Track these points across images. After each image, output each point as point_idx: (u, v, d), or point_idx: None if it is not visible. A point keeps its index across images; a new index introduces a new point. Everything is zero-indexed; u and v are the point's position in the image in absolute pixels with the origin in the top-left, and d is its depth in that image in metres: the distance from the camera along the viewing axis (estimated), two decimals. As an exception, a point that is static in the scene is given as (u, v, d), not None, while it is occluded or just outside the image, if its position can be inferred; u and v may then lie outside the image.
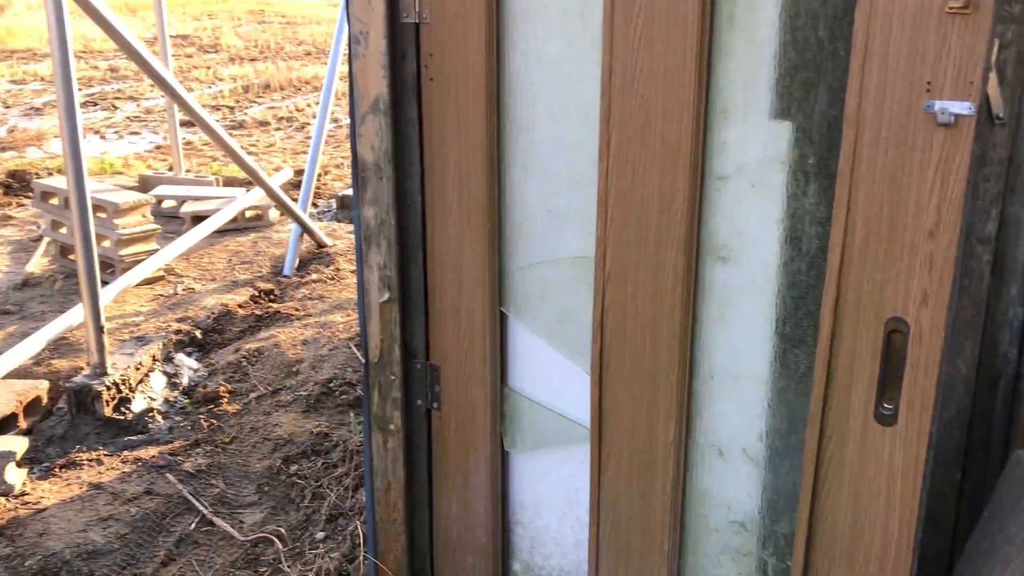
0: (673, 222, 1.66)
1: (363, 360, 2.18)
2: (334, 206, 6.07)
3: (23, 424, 3.13)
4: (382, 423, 2.16)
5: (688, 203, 1.63)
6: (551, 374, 1.97)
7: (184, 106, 3.84)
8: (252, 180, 4.53)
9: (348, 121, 6.97)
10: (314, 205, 5.98)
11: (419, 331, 2.11)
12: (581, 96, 1.75)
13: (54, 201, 4.44)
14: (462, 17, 1.85)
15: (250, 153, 8.29)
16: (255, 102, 11.41)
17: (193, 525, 2.55)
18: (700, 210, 1.65)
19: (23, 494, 2.65)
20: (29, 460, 2.89)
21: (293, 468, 2.81)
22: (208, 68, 13.95)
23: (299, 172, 6.72)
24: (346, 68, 5.76)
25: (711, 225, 1.65)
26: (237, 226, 5.22)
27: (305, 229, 4.79)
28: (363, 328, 2.14)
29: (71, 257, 4.47)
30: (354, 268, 4.60)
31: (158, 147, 8.73)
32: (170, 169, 7.38)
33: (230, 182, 6.29)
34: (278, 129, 9.79)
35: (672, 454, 1.78)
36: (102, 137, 9.14)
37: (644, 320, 1.74)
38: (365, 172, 2.03)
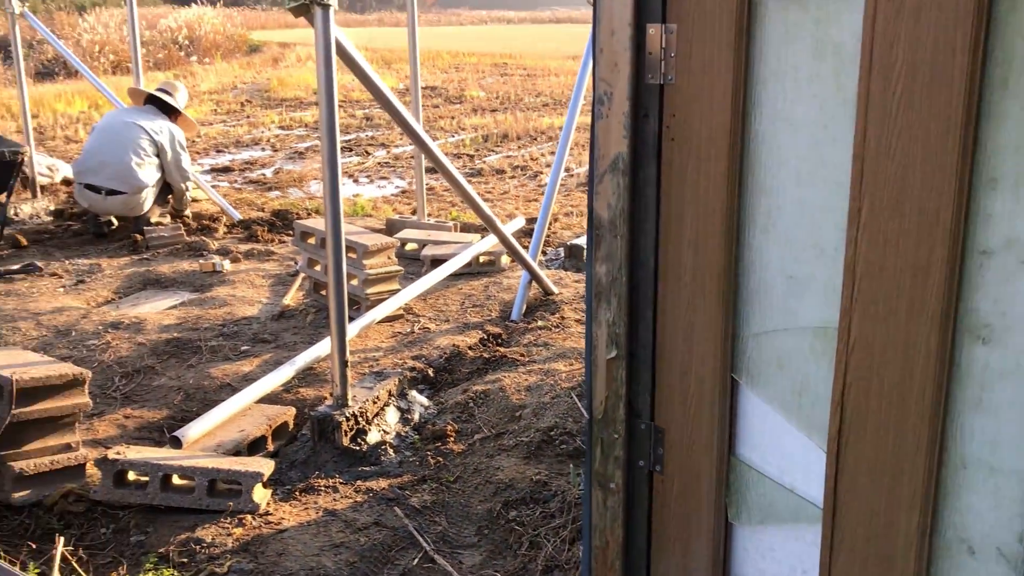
0: (928, 296, 1.55)
1: (586, 415, 2.18)
2: (562, 254, 6.18)
3: (271, 447, 3.39)
4: (603, 480, 2.15)
5: (946, 277, 1.52)
6: (783, 447, 1.88)
7: (430, 155, 4.06)
8: (487, 227, 4.70)
9: (579, 171, 7.06)
10: (543, 253, 6.12)
11: (645, 391, 2.09)
12: (830, 160, 1.68)
13: (311, 241, 4.81)
14: (708, 78, 1.84)
15: (485, 199, 8.62)
16: (493, 151, 11.89)
17: (416, 560, 2.65)
18: (959, 285, 1.53)
19: (266, 514, 2.85)
20: (273, 482, 3.11)
21: (512, 514, 2.86)
22: (452, 118, 14.73)
23: (530, 220, 6.90)
24: (581, 119, 5.80)
25: (971, 302, 1.52)
26: (471, 270, 5.44)
27: (534, 276, 4.90)
28: (588, 384, 2.15)
29: (323, 293, 4.82)
30: (579, 317, 4.64)
31: (403, 191, 9.30)
32: (413, 213, 7.82)
33: (466, 228, 6.57)
34: (512, 177, 10.14)
35: (914, 546, 1.65)
36: (355, 181, 9.85)
37: (890, 399, 1.63)
38: (600, 230, 2.05)
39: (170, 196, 6.79)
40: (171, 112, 6.75)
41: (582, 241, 6.04)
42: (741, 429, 1.97)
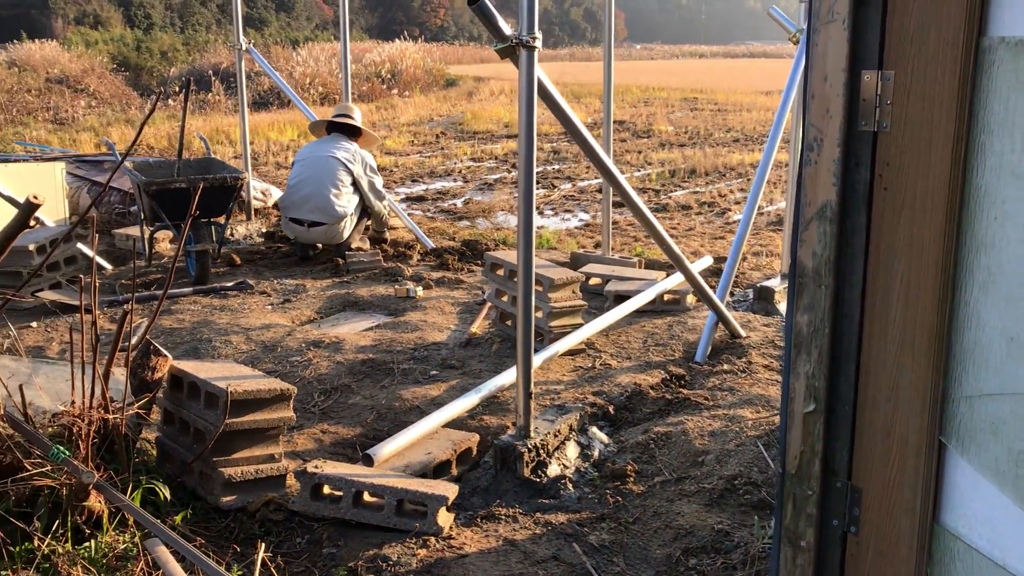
0: None
1: (777, 468, 2.12)
2: (751, 296, 6.03)
3: (455, 471, 3.49)
4: (793, 538, 2.08)
5: None
6: (995, 519, 1.76)
7: (619, 190, 4.08)
8: (674, 265, 4.66)
9: (769, 209, 6.84)
10: (730, 294, 5.99)
11: (842, 448, 2.01)
12: (1064, 218, 1.57)
13: (500, 272, 4.93)
14: (927, 127, 1.77)
15: (671, 235, 8.55)
16: (680, 186, 11.79)
17: (592, 599, 2.64)
18: None
19: (449, 537, 2.94)
20: (456, 506, 3.20)
21: (692, 561, 2.80)
22: (639, 152, 14.73)
23: (718, 259, 6.79)
24: (778, 157, 5.63)
25: None
26: (655, 308, 5.40)
27: (720, 318, 4.81)
28: (783, 436, 2.09)
29: (508, 323, 4.93)
30: (767, 363, 4.51)
31: (587, 225, 9.38)
32: (597, 247, 7.87)
33: (650, 264, 6.54)
34: (699, 214, 10.01)
35: None
36: (540, 213, 10.02)
37: (1126, 479, 1.50)
38: (803, 278, 2.00)
39: (368, 221, 7.16)
40: (354, 133, 7.16)
41: (772, 283, 5.87)
42: (947, 496, 1.86)
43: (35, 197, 2.16)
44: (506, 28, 3.21)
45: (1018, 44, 1.62)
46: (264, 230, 7.85)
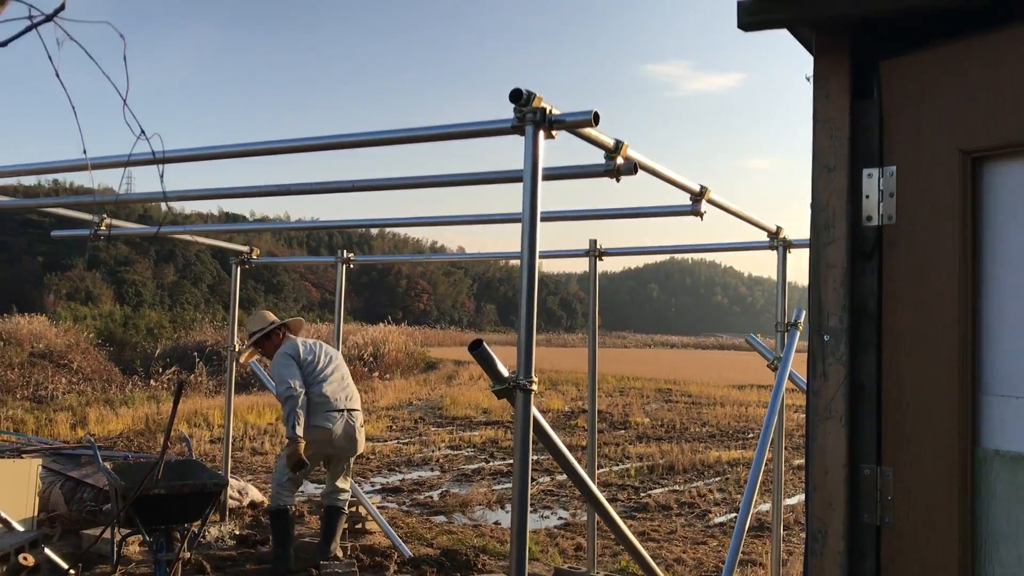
0: None
1: None
2: (742, 621, 5.80)
3: None
4: None
5: None
6: None
7: (611, 524, 4.03)
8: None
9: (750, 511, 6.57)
10: (721, 617, 5.76)
11: None
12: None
13: (484, 597, 4.75)
14: (929, 526, 1.80)
15: (650, 540, 8.37)
16: (658, 483, 11.70)
17: None
18: None
19: None
20: None
21: None
22: (617, 445, 14.77)
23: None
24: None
25: None
26: (643, 635, 5.16)
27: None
28: None
29: (490, 653, 4.67)
30: None
31: (567, 525, 9.17)
32: (578, 551, 7.66)
33: (637, 583, 6.33)
34: (679, 515, 9.86)
35: None
36: (520, 512, 9.80)
37: None
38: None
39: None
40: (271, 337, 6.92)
41: (763, 609, 5.66)
42: None
43: (24, 559, 2.11)
44: (504, 371, 3.32)
45: (1014, 459, 1.69)
46: (237, 532, 7.61)
